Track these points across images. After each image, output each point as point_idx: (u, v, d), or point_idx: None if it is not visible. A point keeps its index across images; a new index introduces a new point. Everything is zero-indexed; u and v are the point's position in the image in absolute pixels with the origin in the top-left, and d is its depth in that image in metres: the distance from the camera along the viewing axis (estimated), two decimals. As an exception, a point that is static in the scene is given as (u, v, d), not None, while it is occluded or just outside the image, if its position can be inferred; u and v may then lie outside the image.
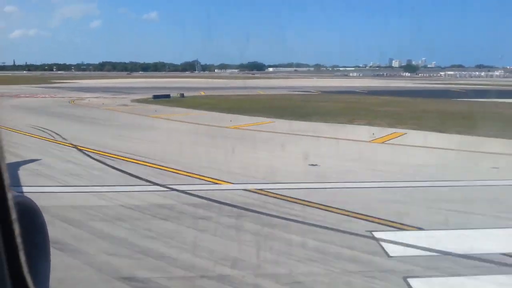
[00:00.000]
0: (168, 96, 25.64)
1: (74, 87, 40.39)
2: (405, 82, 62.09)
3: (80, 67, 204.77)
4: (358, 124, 13.35)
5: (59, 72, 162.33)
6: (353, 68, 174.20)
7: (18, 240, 0.78)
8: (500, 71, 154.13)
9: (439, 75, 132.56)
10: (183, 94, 27.17)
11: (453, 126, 12.57)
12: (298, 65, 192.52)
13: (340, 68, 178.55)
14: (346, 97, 27.79)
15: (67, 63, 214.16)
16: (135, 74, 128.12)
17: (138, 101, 23.56)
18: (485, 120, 14.51)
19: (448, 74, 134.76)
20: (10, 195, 0.76)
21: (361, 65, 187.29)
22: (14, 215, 0.77)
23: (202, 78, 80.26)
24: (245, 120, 14.45)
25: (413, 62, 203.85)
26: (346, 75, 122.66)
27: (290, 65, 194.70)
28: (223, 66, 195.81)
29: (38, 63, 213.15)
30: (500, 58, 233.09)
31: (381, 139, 10.62)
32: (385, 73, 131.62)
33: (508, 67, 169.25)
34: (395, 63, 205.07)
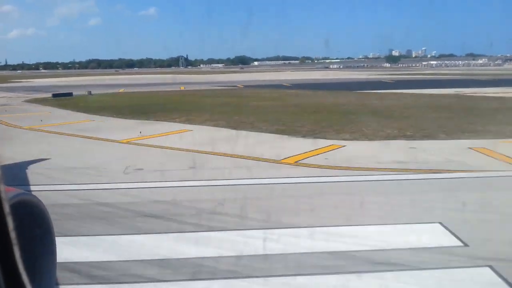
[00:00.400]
0: (70, 94, 25.35)
1: (11, 87, 40.13)
2: (367, 74, 61.57)
3: (67, 65, 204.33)
4: (169, 121, 13.12)
5: (43, 71, 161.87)
6: (338, 60, 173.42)
7: (12, 235, 0.76)
8: (484, 59, 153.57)
9: (423, 64, 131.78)
10: (90, 91, 26.90)
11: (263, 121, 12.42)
12: (285, 58, 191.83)
13: (327, 61, 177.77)
14: (253, 91, 27.38)
15: (63, 62, 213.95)
16: (122, 71, 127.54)
17: (32, 100, 23.29)
18: (320, 112, 14.42)
19: (434, 64, 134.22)
20: (2, 187, 0.73)
21: (360, 56, 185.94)
22: (7, 209, 0.74)
23: (173, 73, 79.68)
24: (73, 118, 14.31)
25: (413, 52, 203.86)
26: (326, 67, 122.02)
27: (276, 58, 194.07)
28: (209, 61, 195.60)
29: (33, 61, 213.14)
30: (490, 46, 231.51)
31: (144, 138, 10.23)
32: (366, 65, 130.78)
33: (498, 55, 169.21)
34: (395, 53, 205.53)
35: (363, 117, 13.17)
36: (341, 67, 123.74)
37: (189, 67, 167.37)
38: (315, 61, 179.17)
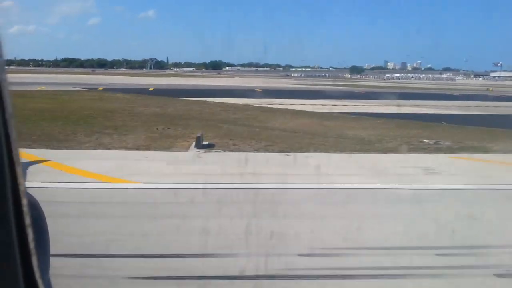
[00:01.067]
0: None
1: None
2: (305, 82, 61.40)
3: (38, 63, 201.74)
4: None
5: (11, 67, 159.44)
6: (303, 69, 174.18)
7: (32, 245, 0.79)
8: (448, 74, 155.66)
9: (386, 76, 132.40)
10: None
11: None
12: (258, 65, 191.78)
13: (299, 69, 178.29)
14: (72, 94, 26.40)
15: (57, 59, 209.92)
16: (98, 71, 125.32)
17: None
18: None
19: (396, 76, 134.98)
20: (25, 201, 0.76)
21: (344, 67, 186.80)
22: (28, 221, 0.77)
23: (122, 75, 77.89)
24: None
25: (408, 65, 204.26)
26: (287, 75, 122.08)
27: (250, 64, 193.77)
28: (179, 65, 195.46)
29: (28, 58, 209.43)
30: (465, 61, 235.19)
31: None
32: (327, 74, 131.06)
33: (463, 70, 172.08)
34: (389, 65, 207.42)
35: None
36: (302, 75, 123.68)
37: (151, 69, 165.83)
38: (290, 69, 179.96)
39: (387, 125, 13.97)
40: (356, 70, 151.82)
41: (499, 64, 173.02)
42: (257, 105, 19.99)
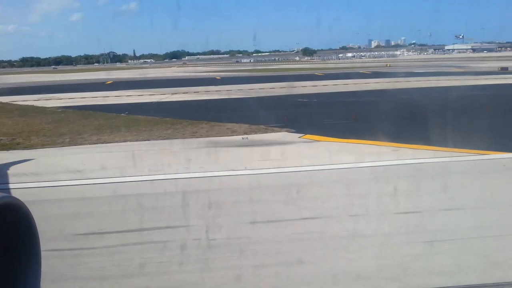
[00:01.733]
0: None
1: None
2: (224, 68, 60.98)
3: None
4: None
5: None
6: (256, 54, 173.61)
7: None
8: (402, 50, 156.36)
9: (338, 57, 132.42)
10: None
11: None
12: (219, 52, 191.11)
13: (263, 54, 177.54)
14: None
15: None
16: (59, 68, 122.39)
17: None
18: None
19: (350, 56, 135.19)
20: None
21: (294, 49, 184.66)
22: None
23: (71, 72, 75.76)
24: None
25: (392, 42, 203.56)
26: (237, 61, 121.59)
27: (211, 52, 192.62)
28: (143, 57, 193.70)
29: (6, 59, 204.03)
30: (429, 35, 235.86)
31: None
32: (277, 58, 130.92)
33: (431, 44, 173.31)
34: (374, 44, 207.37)
35: None
36: (251, 61, 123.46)
37: (117, 63, 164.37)
38: (248, 55, 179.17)
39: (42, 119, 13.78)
40: (308, 52, 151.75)
41: (460, 37, 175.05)
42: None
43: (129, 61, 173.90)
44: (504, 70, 30.94)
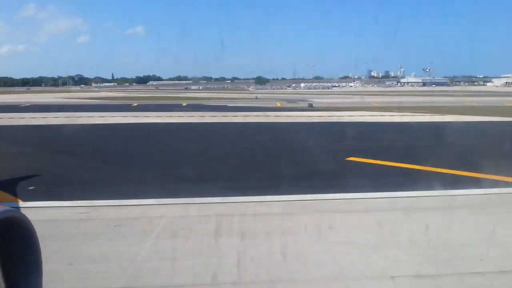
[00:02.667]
0: None
1: None
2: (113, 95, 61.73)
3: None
4: None
5: None
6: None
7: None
8: (356, 82, 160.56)
9: (292, 87, 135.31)
10: None
11: None
12: (186, 78, 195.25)
13: (225, 81, 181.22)
14: None
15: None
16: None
17: None
18: None
19: (303, 86, 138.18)
20: None
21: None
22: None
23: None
24: None
25: (391, 73, 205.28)
26: (186, 88, 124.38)
27: (178, 78, 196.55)
28: (107, 80, 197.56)
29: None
30: (399, 68, 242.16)
31: None
32: (227, 86, 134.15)
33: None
34: (373, 74, 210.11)
35: None
36: (200, 88, 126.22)
37: (82, 85, 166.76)
38: (212, 81, 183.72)
39: None
40: (261, 81, 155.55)
41: (427, 70, 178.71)
42: None
43: (93, 84, 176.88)
44: (310, 107, 32.35)
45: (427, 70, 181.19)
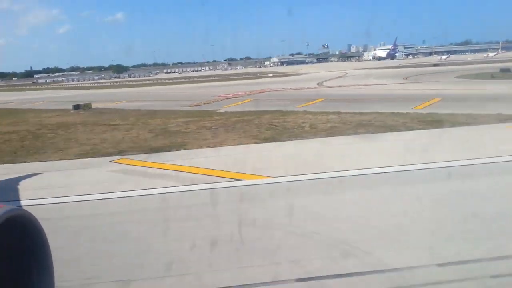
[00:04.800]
0: None
1: None
2: None
3: None
4: None
5: None
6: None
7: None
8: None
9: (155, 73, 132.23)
10: None
11: None
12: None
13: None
14: None
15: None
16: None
17: None
18: None
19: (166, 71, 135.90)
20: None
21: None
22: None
23: None
24: None
25: (370, 46, 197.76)
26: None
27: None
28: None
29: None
30: (307, 45, 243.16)
31: None
32: (104, 76, 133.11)
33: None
34: (353, 49, 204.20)
35: None
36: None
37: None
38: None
39: None
40: (121, 70, 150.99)
41: (382, 43, 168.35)
42: None
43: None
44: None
45: (382, 43, 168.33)
